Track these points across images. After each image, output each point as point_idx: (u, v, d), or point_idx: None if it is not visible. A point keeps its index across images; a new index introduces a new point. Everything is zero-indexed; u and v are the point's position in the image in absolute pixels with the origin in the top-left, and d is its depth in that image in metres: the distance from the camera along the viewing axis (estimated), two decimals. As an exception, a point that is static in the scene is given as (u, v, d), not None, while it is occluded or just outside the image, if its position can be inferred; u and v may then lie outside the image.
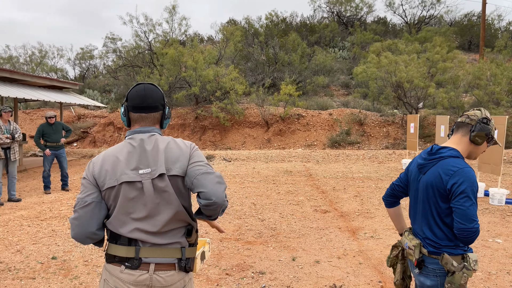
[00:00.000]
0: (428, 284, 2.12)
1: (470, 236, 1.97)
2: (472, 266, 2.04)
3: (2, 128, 7.10)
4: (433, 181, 2.10)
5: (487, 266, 4.35)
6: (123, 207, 1.80)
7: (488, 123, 2.14)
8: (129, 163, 1.81)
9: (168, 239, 1.83)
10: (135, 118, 1.91)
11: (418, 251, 2.14)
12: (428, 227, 2.13)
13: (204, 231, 5.65)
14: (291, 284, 3.93)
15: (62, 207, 7.05)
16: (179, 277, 1.85)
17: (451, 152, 2.11)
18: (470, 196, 1.98)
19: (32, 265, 4.38)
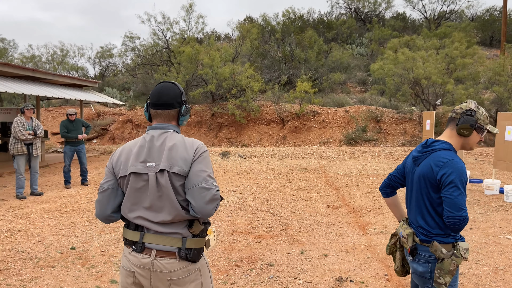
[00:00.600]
0: (420, 271, 2.21)
1: (459, 224, 2.05)
2: (461, 254, 2.11)
3: (25, 124, 7.40)
4: (425, 172, 2.19)
5: (495, 262, 4.36)
6: (130, 195, 1.95)
7: (473, 114, 2.20)
8: (139, 156, 1.95)
9: (170, 229, 1.92)
10: (153, 114, 2.05)
11: (411, 239, 2.23)
12: (421, 216, 2.22)
13: (217, 225, 5.80)
14: (298, 276, 4.03)
15: (81, 201, 7.31)
16: (180, 265, 1.91)
17: (443, 145, 2.20)
18: (459, 186, 2.06)
19: (52, 255, 4.61)
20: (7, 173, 10.27)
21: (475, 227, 5.63)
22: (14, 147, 7.33)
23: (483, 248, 4.80)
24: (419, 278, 2.24)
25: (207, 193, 1.85)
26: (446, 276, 2.11)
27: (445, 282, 2.11)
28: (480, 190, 8.07)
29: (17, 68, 10.21)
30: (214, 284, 3.87)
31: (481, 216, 6.20)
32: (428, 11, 33.45)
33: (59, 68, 25.56)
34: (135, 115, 18.86)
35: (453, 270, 2.11)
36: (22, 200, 7.30)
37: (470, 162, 11.92)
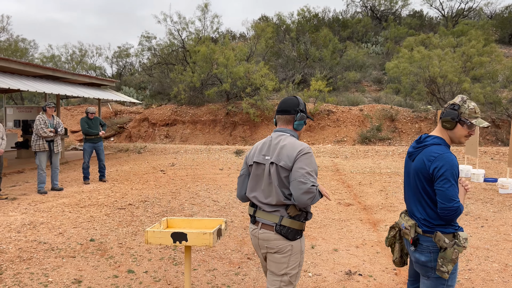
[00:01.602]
0: (423, 260, 2.30)
1: (451, 214, 2.15)
2: (462, 243, 2.20)
3: (46, 122, 7.67)
4: (419, 167, 2.30)
5: (505, 259, 4.39)
6: (252, 179, 2.53)
7: (456, 108, 2.29)
8: (261, 150, 2.53)
9: (272, 209, 2.43)
10: (276, 119, 2.62)
11: (414, 230, 2.33)
12: (422, 208, 2.31)
13: (230, 220, 5.94)
14: (308, 269, 4.14)
15: (99, 196, 7.55)
16: (275, 237, 2.41)
17: (434, 140, 2.31)
18: (449, 179, 2.16)
19: (72, 246, 4.82)
20: (29, 169, 10.62)
21: (487, 225, 5.64)
22: (36, 144, 7.61)
23: (494, 245, 4.82)
24: (421, 267, 2.33)
25: (303, 186, 2.29)
26: (448, 264, 2.21)
27: (447, 270, 2.21)
28: (495, 189, 8.03)
29: (38, 68, 10.55)
30: (226, 275, 4.01)
31: (493, 215, 6.20)
32: (446, 8, 33.01)
33: (78, 67, 26.10)
34: (151, 113, 19.16)
35: (455, 259, 2.20)
36: (44, 195, 7.57)
37: (486, 161, 11.81)
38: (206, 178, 9.51)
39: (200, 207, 6.72)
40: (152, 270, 4.13)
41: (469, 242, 4.94)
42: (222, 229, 2.57)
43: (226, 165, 11.67)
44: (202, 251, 4.69)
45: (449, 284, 2.29)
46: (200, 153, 14.23)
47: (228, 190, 8.06)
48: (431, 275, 2.30)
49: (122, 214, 6.28)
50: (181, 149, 14.96)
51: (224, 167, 11.17)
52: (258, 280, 3.89)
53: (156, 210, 6.51)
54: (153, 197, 7.44)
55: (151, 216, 6.12)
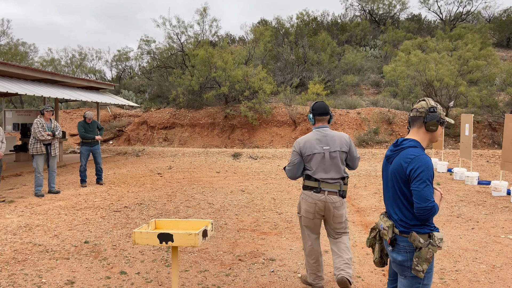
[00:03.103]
0: (400, 260, 2.37)
1: (426, 214, 2.23)
2: (437, 243, 2.27)
3: (44, 126, 7.75)
4: (396, 169, 2.38)
5: (493, 260, 4.45)
6: (315, 164, 3.56)
7: (436, 111, 2.41)
8: (319, 143, 3.57)
9: (334, 181, 3.57)
10: (319, 119, 3.64)
11: (391, 231, 2.40)
12: (399, 209, 2.39)
13: (224, 222, 6.01)
14: (298, 270, 4.21)
15: (96, 198, 7.62)
16: (338, 199, 3.57)
17: (410, 143, 2.40)
18: (424, 179, 2.24)
19: (67, 248, 4.88)
20: (27, 172, 10.69)
21: (477, 227, 5.70)
22: (34, 147, 7.69)
23: (483, 247, 4.89)
24: (398, 266, 2.40)
25: (358, 159, 3.71)
26: (423, 263, 2.28)
27: (422, 269, 2.28)
28: (488, 191, 8.09)
29: (36, 72, 10.64)
30: (217, 276, 4.07)
31: (485, 217, 6.26)
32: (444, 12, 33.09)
33: (77, 71, 26.21)
34: (150, 117, 19.25)
35: (430, 258, 2.27)
36: (40, 198, 7.65)
37: (482, 164, 11.87)
38: (202, 181, 9.58)
39: (195, 210, 6.78)
40: (145, 272, 4.19)
41: (458, 243, 5.00)
42: (208, 230, 2.64)
43: (223, 168, 11.74)
44: (195, 252, 4.75)
45: (425, 283, 2.35)
46: (198, 156, 14.30)
47: (224, 193, 8.13)
48: (407, 274, 2.36)
49: (117, 216, 6.34)
50: (179, 152, 15.03)
51: (221, 170, 11.24)
52: (248, 281, 3.95)
53: (151, 213, 6.58)
54: (149, 199, 7.51)
55: (146, 219, 6.19)
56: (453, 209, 6.77)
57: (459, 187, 8.59)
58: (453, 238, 5.21)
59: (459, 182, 9.17)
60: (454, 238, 5.21)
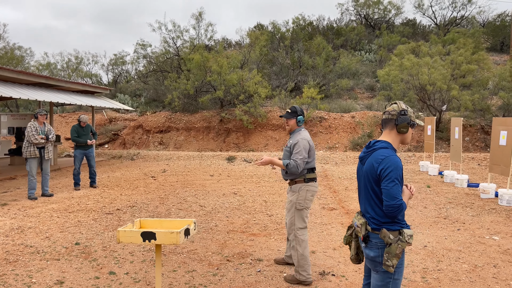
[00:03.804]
0: (372, 255, 2.48)
1: (394, 211, 2.34)
2: (406, 239, 2.38)
3: (37, 129, 7.82)
4: (369, 169, 2.49)
5: (475, 260, 4.55)
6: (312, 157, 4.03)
7: (406, 113, 2.53)
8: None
9: None
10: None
11: (364, 228, 2.50)
12: (371, 207, 2.49)
13: (214, 224, 6.09)
14: (284, 270, 4.29)
15: (88, 201, 7.68)
16: None
17: (382, 144, 2.52)
18: (393, 179, 2.36)
19: (58, 249, 4.95)
20: (21, 175, 10.74)
21: (463, 228, 5.80)
22: (27, 150, 7.75)
23: (467, 247, 4.98)
24: (371, 262, 2.50)
25: None
26: (393, 259, 2.38)
27: (392, 264, 2.38)
28: (477, 194, 8.20)
29: (31, 76, 10.71)
30: (204, 276, 4.15)
31: (471, 218, 6.36)
32: (438, 17, 33.32)
33: (73, 75, 26.27)
34: (146, 120, 19.32)
35: (399, 254, 2.37)
36: (34, 201, 7.70)
37: (473, 167, 12.00)
38: (195, 184, 9.66)
39: (187, 212, 6.86)
40: (133, 272, 4.27)
41: (442, 244, 5.10)
42: (191, 229, 2.72)
43: (217, 171, 11.82)
44: (184, 253, 4.83)
45: (396, 277, 2.45)
46: (193, 160, 14.38)
47: (216, 196, 8.21)
48: (379, 270, 2.47)
49: (109, 218, 6.41)
50: (174, 155, 15.10)
51: (214, 173, 11.31)
52: (234, 281, 4.03)
53: (143, 215, 6.65)
54: (141, 202, 7.58)
55: (137, 221, 6.25)
56: (441, 211, 6.87)
57: (449, 190, 8.70)
58: (438, 239, 5.30)
59: (449, 185, 9.28)
60: (440, 239, 5.31)
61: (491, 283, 3.94)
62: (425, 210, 6.95)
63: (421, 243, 5.15)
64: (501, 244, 5.09)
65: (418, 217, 6.46)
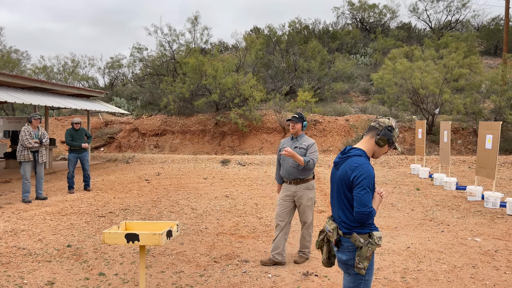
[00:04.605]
0: (344, 259, 2.59)
1: (363, 218, 2.45)
2: (376, 242, 2.50)
3: (31, 133, 7.93)
4: (342, 175, 2.58)
5: (455, 261, 4.69)
6: None
7: (392, 131, 2.62)
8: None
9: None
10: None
11: (336, 233, 2.61)
12: (342, 212, 2.60)
13: (204, 227, 6.21)
14: (269, 271, 4.42)
15: (82, 204, 7.79)
16: None
17: (357, 151, 2.60)
18: (365, 186, 2.46)
19: (50, 251, 5.06)
20: (16, 179, 10.83)
21: (447, 230, 5.95)
22: (21, 154, 7.86)
23: (448, 248, 5.12)
24: (343, 265, 2.62)
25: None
26: (364, 261, 2.50)
27: (363, 266, 2.50)
28: (464, 196, 8.36)
29: (26, 80, 10.83)
30: (192, 277, 4.28)
31: (456, 220, 6.51)
32: (433, 21, 33.63)
33: (70, 78, 26.37)
34: (141, 124, 19.44)
35: (370, 256, 2.49)
36: (28, 204, 7.81)
37: (463, 170, 12.17)
38: (188, 187, 9.78)
39: (178, 215, 6.98)
40: (122, 273, 4.39)
41: (425, 245, 5.24)
42: (173, 231, 2.85)
43: (211, 174, 11.94)
44: (172, 255, 4.95)
45: (366, 278, 2.58)
46: (187, 163, 14.49)
47: (208, 198, 8.33)
48: (351, 272, 2.58)
49: (101, 221, 6.52)
50: (169, 159, 15.22)
51: (208, 177, 11.44)
52: (220, 281, 4.15)
53: (135, 218, 6.77)
54: (134, 205, 7.70)
55: (129, 223, 6.37)
56: (427, 213, 7.02)
57: (437, 192, 8.85)
58: (422, 241, 5.44)
59: (439, 188, 9.43)
60: (423, 241, 5.45)
61: (468, 283, 4.07)
62: (412, 212, 7.10)
63: (404, 244, 5.29)
64: (482, 246, 5.23)
65: (404, 219, 6.61)
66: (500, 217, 6.74)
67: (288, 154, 4.28)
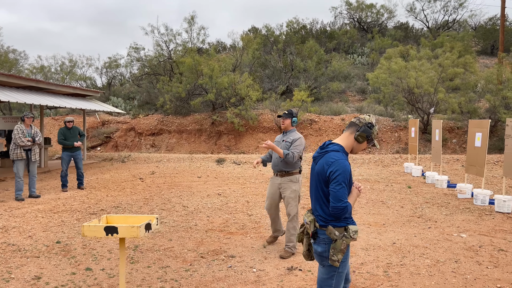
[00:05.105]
0: (319, 250, 2.65)
1: (338, 212, 2.51)
2: (351, 235, 2.56)
3: (24, 132, 7.98)
4: (320, 170, 2.64)
5: (439, 256, 4.74)
6: None
7: (371, 128, 2.68)
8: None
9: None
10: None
11: (313, 225, 2.68)
12: (319, 206, 2.66)
13: (194, 224, 6.26)
14: (254, 265, 4.47)
15: (74, 202, 7.85)
16: None
17: (334, 147, 2.66)
18: (341, 182, 2.51)
19: (39, 247, 5.11)
20: (10, 177, 10.88)
21: (434, 226, 6.00)
22: (14, 152, 7.91)
23: (433, 244, 5.18)
24: (319, 257, 2.67)
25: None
26: (338, 254, 2.56)
27: (337, 259, 2.56)
28: (455, 194, 8.41)
29: (20, 79, 10.88)
30: (177, 272, 4.33)
31: (444, 217, 6.57)
32: (430, 20, 33.74)
33: (67, 78, 26.41)
34: (138, 123, 19.48)
35: (344, 249, 2.55)
36: (20, 202, 7.86)
37: (456, 168, 12.23)
38: (182, 185, 9.83)
39: (169, 212, 7.03)
40: (109, 268, 4.44)
41: (411, 241, 5.30)
42: (152, 224, 2.90)
43: (205, 173, 12.00)
44: (160, 251, 5.00)
45: (340, 270, 2.63)
46: (183, 162, 14.55)
47: (200, 196, 8.38)
48: (325, 264, 2.64)
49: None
50: (164, 158, 15.27)
51: (202, 175, 11.49)
52: (205, 276, 4.21)
53: (126, 215, 6.81)
54: (126, 203, 7.75)
55: (120, 220, 6.42)
56: (416, 210, 7.08)
57: (428, 190, 8.91)
58: (408, 236, 5.50)
59: (430, 186, 9.49)
60: (409, 236, 5.50)
61: (449, 276, 4.13)
62: (402, 209, 7.16)
63: (390, 240, 5.35)
64: (467, 241, 5.29)
65: (393, 216, 6.66)
66: (488, 214, 6.79)
67: (267, 146, 4.52)
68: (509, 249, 4.97)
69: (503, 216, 6.63)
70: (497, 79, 16.90)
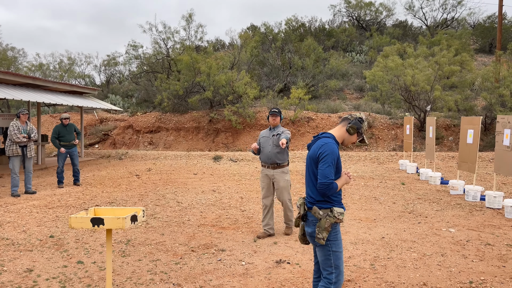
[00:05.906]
0: (309, 231, 2.84)
1: (324, 188, 2.68)
2: (335, 215, 2.73)
3: (20, 128, 8.04)
4: (311, 153, 2.85)
5: (426, 249, 4.81)
6: None
7: (361, 122, 2.92)
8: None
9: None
10: None
11: (303, 208, 2.87)
12: (310, 188, 2.86)
13: (187, 219, 6.33)
14: (244, 259, 4.54)
15: (69, 198, 7.91)
16: None
17: (326, 134, 2.89)
18: (328, 161, 2.71)
19: (32, 242, 5.18)
20: (7, 174, 10.95)
21: (424, 222, 6.07)
22: (10, 148, 7.98)
23: (422, 238, 5.25)
24: (310, 238, 2.87)
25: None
26: (323, 232, 2.74)
27: (322, 237, 2.74)
28: (447, 190, 8.48)
29: (17, 76, 10.93)
30: (167, 265, 4.40)
31: (435, 213, 6.63)
32: (429, 18, 33.75)
33: (65, 76, 26.45)
34: (136, 121, 19.53)
35: (328, 227, 2.71)
36: (16, 198, 7.92)
37: (451, 166, 12.29)
38: (177, 182, 9.89)
39: (163, 208, 7.10)
40: (100, 261, 4.51)
41: (400, 236, 5.36)
42: (138, 216, 2.97)
43: (202, 170, 12.06)
44: (152, 245, 5.07)
45: (334, 250, 2.80)
46: (180, 159, 14.61)
47: (195, 193, 8.45)
48: (317, 244, 2.82)
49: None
50: (162, 155, 15.33)
51: (198, 172, 11.55)
52: (194, 268, 4.28)
53: (120, 211, 6.88)
54: (121, 199, 7.82)
55: (113, 216, 6.49)
56: (408, 206, 7.14)
57: (422, 187, 8.98)
58: (397, 231, 5.57)
59: (424, 182, 9.56)
60: (398, 231, 5.57)
61: (434, 269, 4.20)
62: (394, 205, 7.22)
63: (379, 235, 5.41)
64: (455, 236, 5.35)
65: (384, 212, 6.73)
66: (478, 209, 6.86)
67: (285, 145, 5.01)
68: (496, 244, 5.03)
69: (493, 212, 6.70)
70: (494, 77, 16.95)
